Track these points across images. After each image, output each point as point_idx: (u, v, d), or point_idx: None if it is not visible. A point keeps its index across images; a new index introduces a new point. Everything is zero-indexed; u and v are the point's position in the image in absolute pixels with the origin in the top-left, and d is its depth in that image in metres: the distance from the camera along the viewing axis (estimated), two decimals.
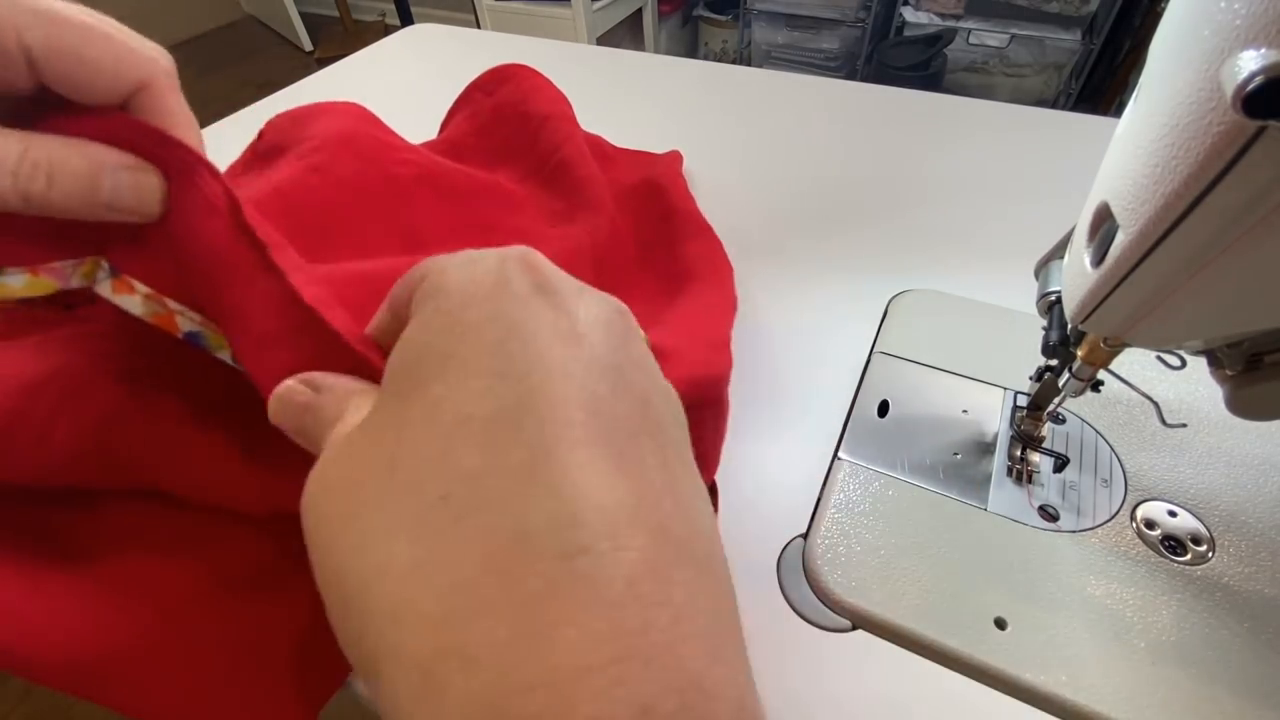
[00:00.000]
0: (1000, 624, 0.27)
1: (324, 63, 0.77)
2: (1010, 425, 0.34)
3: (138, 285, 0.20)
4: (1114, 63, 1.77)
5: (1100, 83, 1.81)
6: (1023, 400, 0.34)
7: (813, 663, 0.27)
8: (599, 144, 0.51)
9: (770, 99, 0.65)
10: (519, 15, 2.03)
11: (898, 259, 0.45)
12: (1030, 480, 0.32)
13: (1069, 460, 0.32)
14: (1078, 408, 0.35)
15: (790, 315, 0.42)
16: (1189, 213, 0.16)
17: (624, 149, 0.53)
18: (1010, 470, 0.33)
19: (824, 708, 0.26)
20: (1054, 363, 0.29)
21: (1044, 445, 0.32)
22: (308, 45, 2.76)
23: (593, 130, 0.50)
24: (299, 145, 0.33)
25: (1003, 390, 0.36)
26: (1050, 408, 0.31)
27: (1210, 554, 0.29)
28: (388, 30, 0.95)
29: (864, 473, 0.33)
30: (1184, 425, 0.33)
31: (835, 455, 0.34)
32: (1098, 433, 0.34)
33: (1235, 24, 0.13)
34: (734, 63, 1.59)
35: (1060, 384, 0.29)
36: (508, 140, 0.45)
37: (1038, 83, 1.85)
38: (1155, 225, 0.17)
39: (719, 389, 0.30)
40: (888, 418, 0.36)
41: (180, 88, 0.19)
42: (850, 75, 2.02)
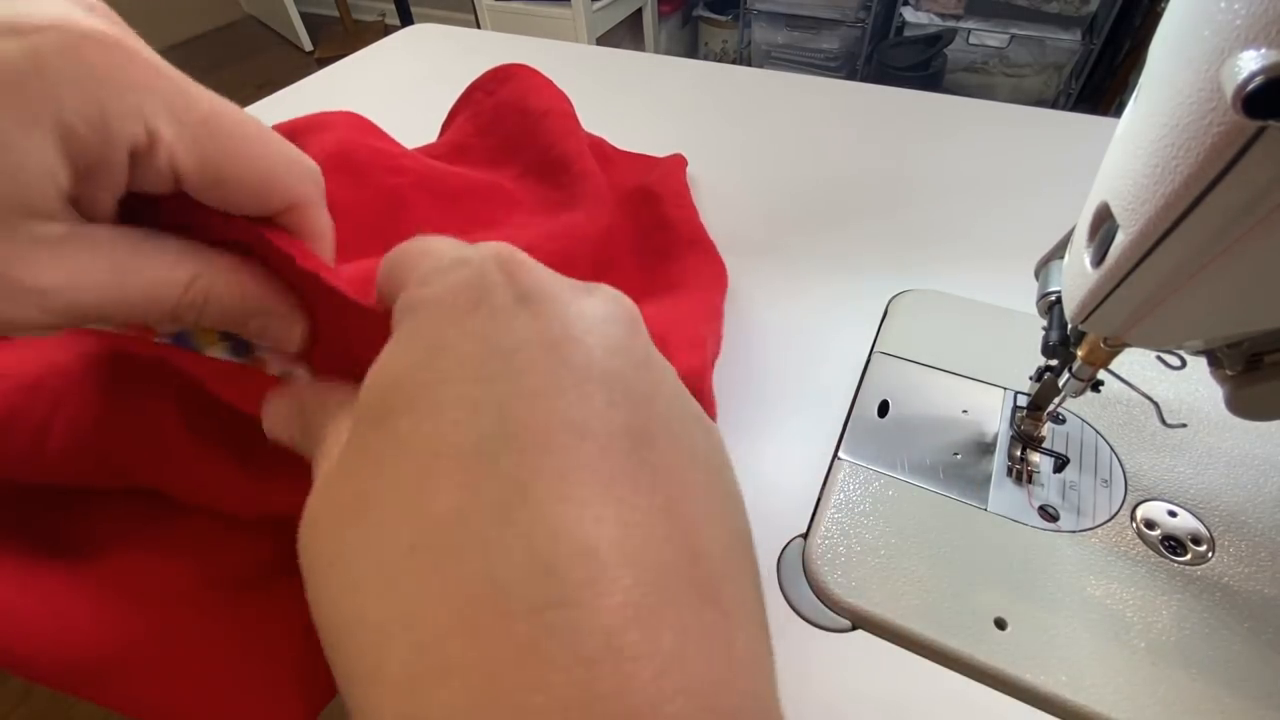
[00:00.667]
0: (1000, 624, 0.27)
1: (324, 63, 0.77)
2: (1010, 425, 0.34)
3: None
4: (1114, 63, 1.77)
5: (1100, 83, 1.81)
6: (1023, 400, 0.34)
7: (813, 663, 0.27)
8: (600, 145, 0.51)
9: (770, 99, 0.65)
10: (519, 15, 2.03)
11: (898, 259, 0.45)
12: (1030, 480, 0.32)
13: (1069, 460, 0.32)
14: (1078, 408, 0.35)
15: (790, 315, 0.42)
16: (1189, 213, 0.16)
17: (625, 152, 0.52)
18: (1010, 470, 0.33)
19: (824, 708, 0.26)
20: (1054, 363, 0.29)
21: (1044, 445, 0.32)
22: (308, 45, 2.76)
23: (593, 130, 0.50)
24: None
25: (1003, 390, 0.36)
26: (1050, 408, 0.31)
27: (1210, 554, 0.29)
28: (388, 30, 0.95)
29: (864, 473, 0.33)
30: (1184, 425, 0.33)
31: (835, 455, 0.34)
32: (1098, 433, 0.34)
33: (1235, 24, 0.13)
34: (734, 63, 1.59)
35: (1060, 384, 0.29)
36: (508, 137, 0.45)
37: (1038, 83, 1.85)
38: (1155, 225, 0.17)
39: (692, 384, 0.29)
40: (888, 418, 0.36)
41: (325, 200, 0.19)
42: (850, 75, 2.02)
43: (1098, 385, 0.28)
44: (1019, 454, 0.33)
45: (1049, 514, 0.31)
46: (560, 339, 0.13)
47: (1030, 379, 0.31)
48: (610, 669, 0.10)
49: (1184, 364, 0.34)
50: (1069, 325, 0.26)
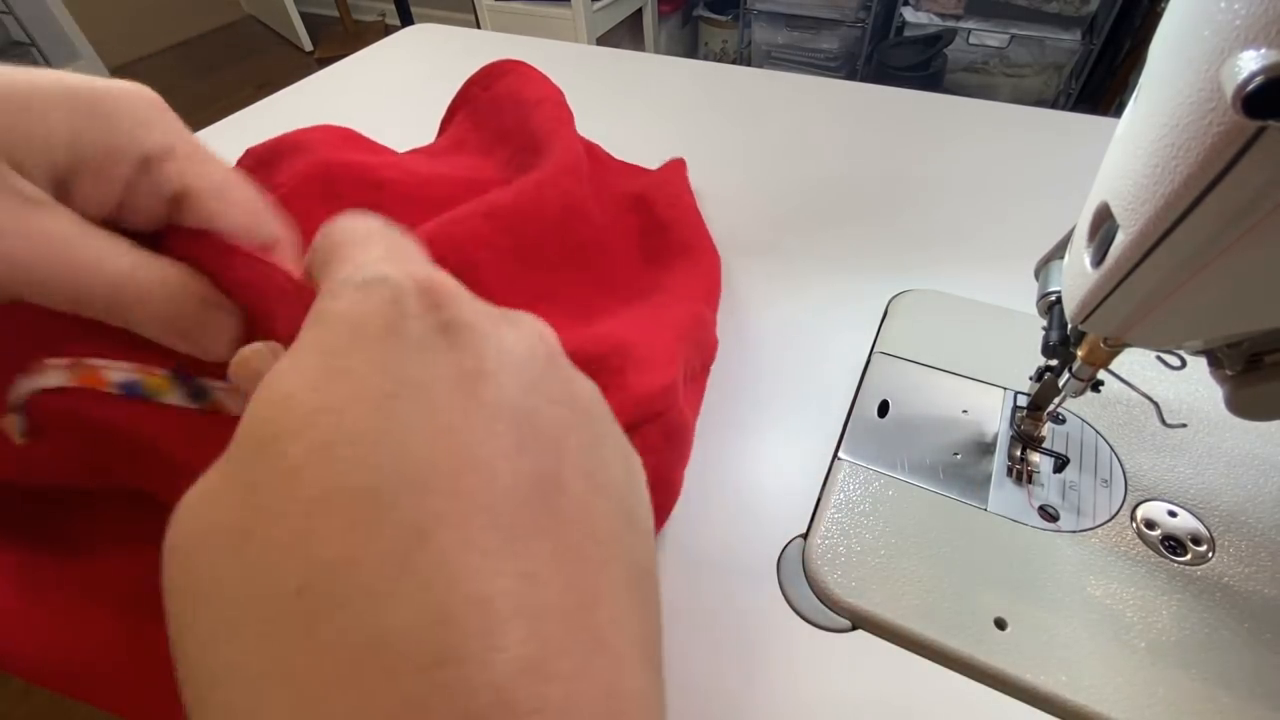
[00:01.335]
0: (1000, 624, 0.27)
1: (324, 63, 0.77)
2: (1010, 425, 0.34)
3: (50, 360, 0.18)
4: (1114, 63, 1.77)
5: (1100, 83, 1.81)
6: (1023, 400, 0.34)
7: (813, 663, 0.27)
8: (595, 150, 0.51)
9: (770, 99, 0.65)
10: (519, 15, 2.03)
11: (898, 259, 0.45)
12: (1030, 480, 0.32)
13: (1069, 460, 0.32)
14: (1078, 408, 0.35)
15: (790, 315, 0.42)
16: (1189, 213, 0.16)
17: (621, 161, 0.52)
18: (1010, 470, 0.33)
19: (824, 708, 0.26)
20: (1054, 363, 0.29)
21: (1044, 445, 0.32)
22: (308, 45, 2.77)
23: (593, 130, 0.50)
24: (268, 195, 0.33)
25: (1003, 390, 0.36)
26: (1050, 408, 0.31)
27: (1210, 554, 0.29)
28: (388, 30, 0.95)
29: (864, 473, 0.33)
30: (1184, 425, 0.33)
31: (835, 455, 0.34)
32: (1098, 433, 0.34)
33: (1235, 24, 0.13)
34: (734, 63, 1.59)
35: (1060, 384, 0.29)
36: (502, 126, 0.45)
37: (1038, 83, 1.85)
38: (1155, 225, 0.17)
39: (658, 404, 0.29)
40: (888, 418, 0.36)
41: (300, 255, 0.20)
42: (850, 75, 2.02)
43: (1098, 385, 0.28)
44: (1019, 454, 0.33)
45: (1049, 514, 0.31)
46: (474, 373, 0.12)
47: (1030, 379, 0.31)
48: None
49: (1184, 364, 0.34)
50: (1069, 325, 0.26)
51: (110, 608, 0.20)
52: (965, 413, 0.35)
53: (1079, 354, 0.26)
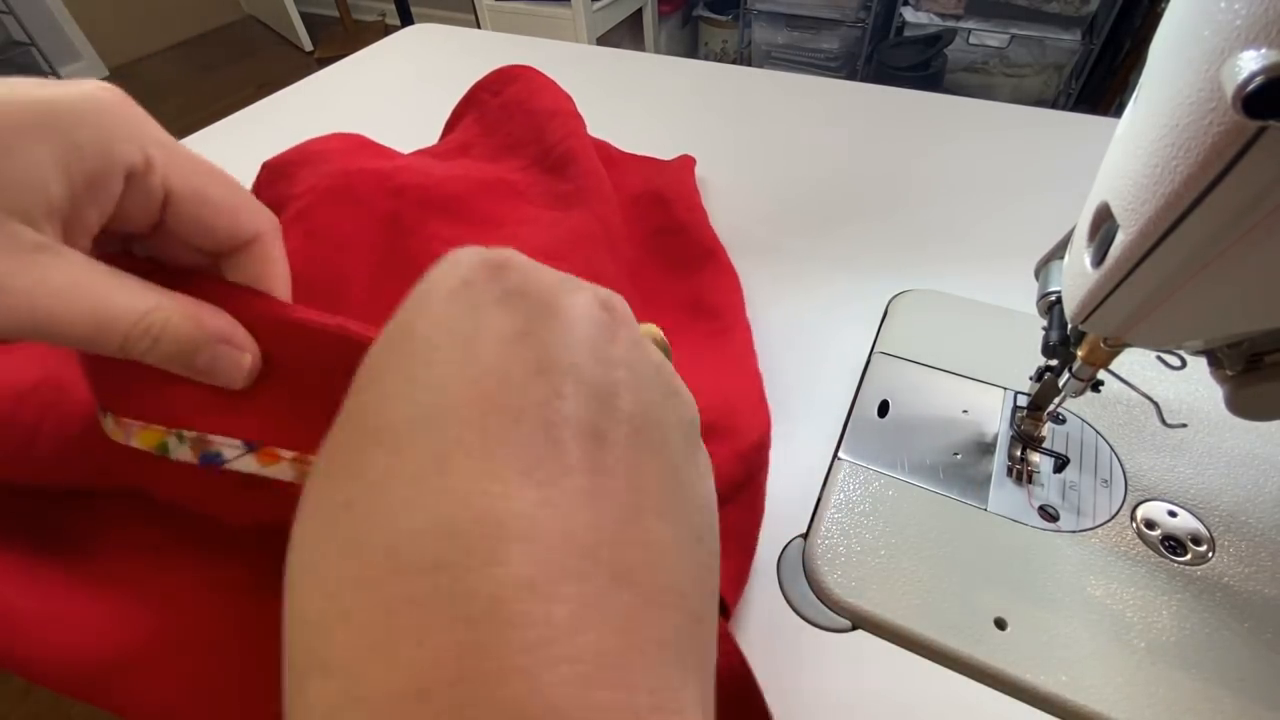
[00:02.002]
0: (1000, 624, 0.27)
1: (324, 63, 0.77)
2: (1010, 425, 0.34)
3: (282, 452, 0.19)
4: (1114, 63, 1.77)
5: (1100, 83, 1.81)
6: (1023, 400, 0.34)
7: (813, 663, 0.27)
8: (605, 148, 0.51)
9: (770, 99, 0.65)
10: (519, 15, 2.03)
11: (898, 259, 0.45)
12: (1030, 480, 0.32)
13: (1069, 460, 0.32)
14: (1078, 408, 0.35)
15: (790, 315, 0.42)
16: (1189, 213, 0.16)
17: (631, 154, 0.52)
18: (1010, 470, 0.33)
19: (824, 708, 0.26)
20: (1054, 363, 0.29)
21: (1044, 445, 0.32)
22: (308, 45, 2.77)
23: (593, 131, 0.50)
24: (289, 206, 0.33)
25: (1003, 390, 0.36)
26: (1050, 408, 0.31)
27: (1210, 554, 0.29)
28: (388, 30, 0.95)
29: (864, 473, 0.33)
30: (1184, 425, 0.33)
31: (835, 455, 0.34)
32: (1098, 433, 0.34)
33: (1235, 24, 0.13)
34: (734, 63, 1.59)
35: (1060, 384, 0.29)
36: (513, 134, 0.45)
37: (1038, 83, 1.85)
38: (1155, 225, 0.17)
39: (767, 450, 0.31)
40: (888, 418, 0.36)
41: (283, 243, 0.21)
42: (850, 75, 2.02)
43: (1098, 385, 0.28)
44: (1019, 454, 0.33)
45: (1049, 514, 0.31)
46: (520, 332, 0.14)
47: (1030, 379, 0.31)
48: (490, 631, 0.10)
49: (1184, 364, 0.34)
50: (1069, 325, 0.26)
51: (111, 607, 0.20)
52: (965, 413, 0.35)
53: (1079, 354, 0.26)
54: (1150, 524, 0.30)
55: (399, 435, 0.12)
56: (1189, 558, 0.29)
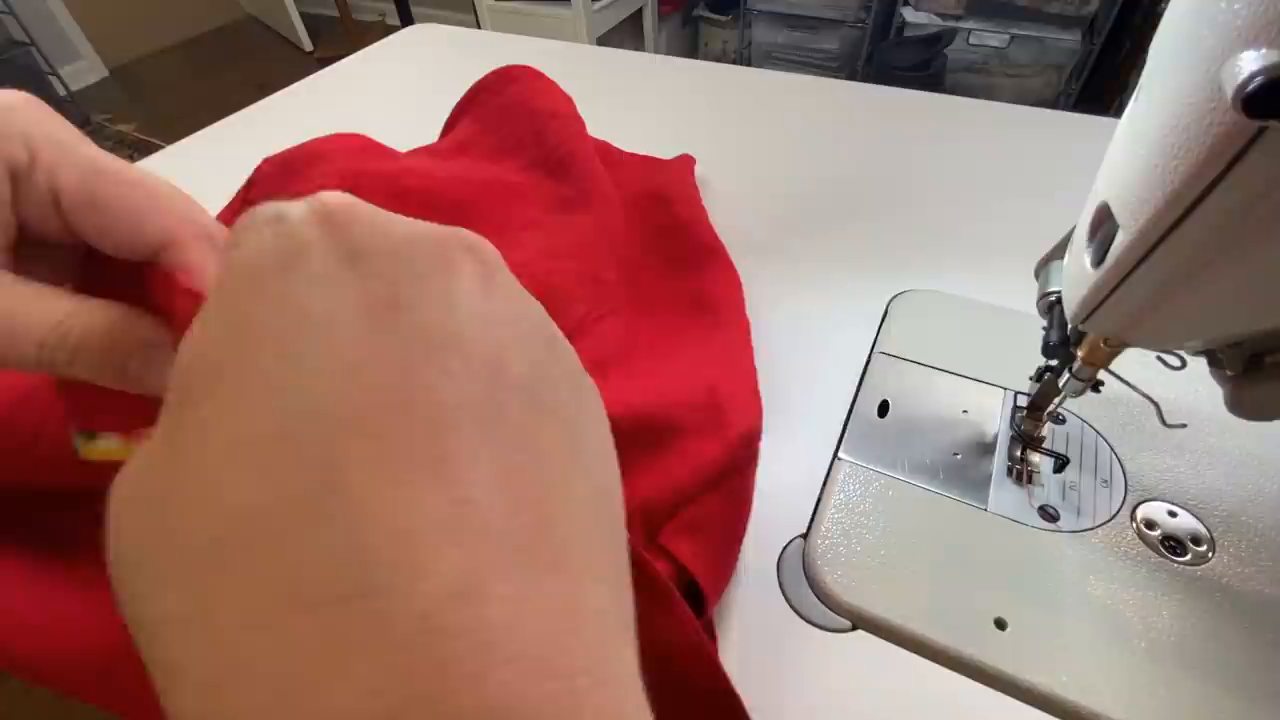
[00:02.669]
0: (1000, 624, 0.27)
1: (324, 63, 0.77)
2: (1010, 425, 0.34)
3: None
4: (1114, 63, 1.77)
5: (1100, 83, 1.81)
6: (1023, 400, 0.34)
7: (813, 663, 0.27)
8: (605, 148, 0.51)
9: (770, 99, 0.65)
10: (519, 15, 2.03)
11: (898, 259, 0.45)
12: (1030, 480, 0.32)
13: (1069, 460, 0.32)
14: (1078, 408, 0.35)
15: (791, 315, 0.42)
16: (1189, 213, 0.16)
17: (632, 154, 0.52)
18: (1010, 470, 0.33)
19: (824, 708, 0.26)
20: (1054, 363, 0.29)
21: (1044, 445, 0.32)
22: (308, 45, 2.77)
23: (593, 131, 0.50)
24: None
25: (1003, 390, 0.36)
26: (1050, 408, 0.31)
27: (1210, 554, 0.29)
28: (388, 30, 0.95)
29: (864, 473, 0.33)
30: (1184, 425, 0.33)
31: (835, 455, 0.34)
32: (1098, 433, 0.34)
33: (1235, 24, 0.13)
34: (734, 63, 1.59)
35: (1060, 384, 0.29)
36: (513, 134, 0.45)
37: (1038, 83, 1.85)
38: (1155, 225, 0.17)
39: (757, 443, 0.31)
40: (888, 418, 0.36)
41: (213, 248, 0.18)
42: (850, 76, 2.02)
43: (1098, 385, 0.28)
44: (1019, 454, 0.33)
45: (1049, 514, 0.31)
46: (387, 303, 0.12)
47: (1030, 379, 0.31)
48: (426, 651, 0.09)
49: (1184, 364, 0.34)
50: (1069, 325, 0.26)
51: (111, 607, 0.20)
52: (965, 413, 0.35)
53: (1079, 354, 0.26)
54: (1150, 524, 0.30)
55: (269, 454, 0.10)
56: (1189, 558, 0.29)
